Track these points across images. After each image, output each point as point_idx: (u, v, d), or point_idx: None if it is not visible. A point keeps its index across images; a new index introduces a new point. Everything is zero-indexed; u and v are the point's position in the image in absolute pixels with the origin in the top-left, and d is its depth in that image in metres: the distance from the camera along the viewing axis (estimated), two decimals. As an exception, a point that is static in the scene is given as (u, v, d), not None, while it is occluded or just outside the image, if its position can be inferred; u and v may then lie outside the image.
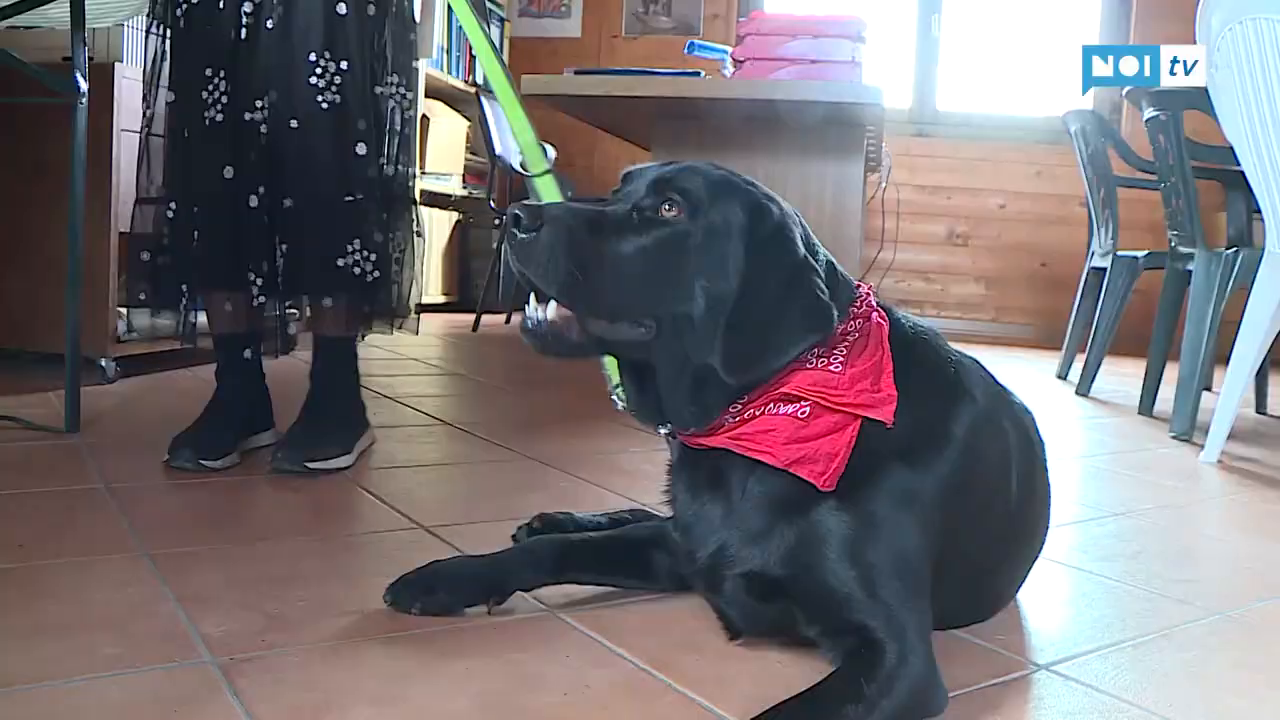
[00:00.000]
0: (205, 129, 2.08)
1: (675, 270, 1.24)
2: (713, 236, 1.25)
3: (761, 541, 1.25)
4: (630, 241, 1.23)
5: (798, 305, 1.24)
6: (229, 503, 1.97)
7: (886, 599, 1.18)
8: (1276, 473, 2.85)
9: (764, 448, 1.23)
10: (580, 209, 1.25)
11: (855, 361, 1.25)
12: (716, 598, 1.34)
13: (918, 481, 1.25)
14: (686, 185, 1.25)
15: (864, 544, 1.20)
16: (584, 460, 2.38)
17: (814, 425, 1.22)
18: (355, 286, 2.14)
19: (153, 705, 1.10)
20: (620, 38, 7.40)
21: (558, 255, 1.19)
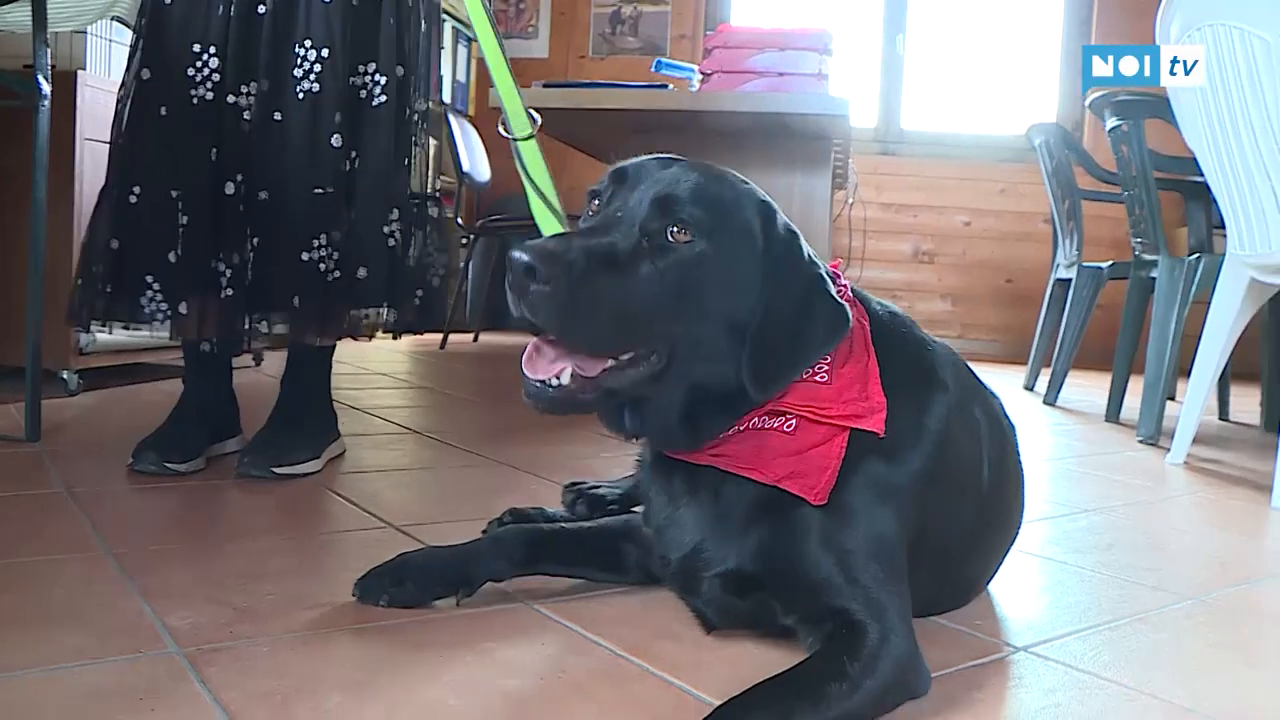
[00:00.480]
0: (192, 108, 2.03)
1: (692, 297, 1.19)
2: (728, 258, 1.20)
3: (737, 540, 1.25)
4: (647, 278, 1.16)
5: (819, 312, 1.23)
6: (194, 505, 1.94)
7: (865, 582, 1.17)
8: (1240, 473, 2.87)
9: (752, 466, 1.22)
10: (591, 247, 1.13)
11: (841, 370, 1.25)
12: (692, 598, 1.33)
13: (894, 475, 1.24)
14: (696, 210, 1.18)
15: (841, 533, 1.20)
16: (556, 465, 2.36)
17: (802, 438, 1.21)
18: (317, 284, 2.07)
19: (119, 694, 1.07)
20: (588, 58, 7.43)
21: (581, 310, 1.11)
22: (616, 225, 1.18)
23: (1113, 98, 3.49)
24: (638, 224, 1.18)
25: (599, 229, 1.18)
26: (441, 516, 1.86)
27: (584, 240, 1.14)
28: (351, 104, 2.10)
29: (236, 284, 2.06)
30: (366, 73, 2.11)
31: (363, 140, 2.11)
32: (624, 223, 1.18)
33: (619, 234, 1.17)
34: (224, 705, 1.05)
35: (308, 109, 2.04)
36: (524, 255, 1.07)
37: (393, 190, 2.16)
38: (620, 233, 1.17)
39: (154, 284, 2.03)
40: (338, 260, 2.09)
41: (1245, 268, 2.79)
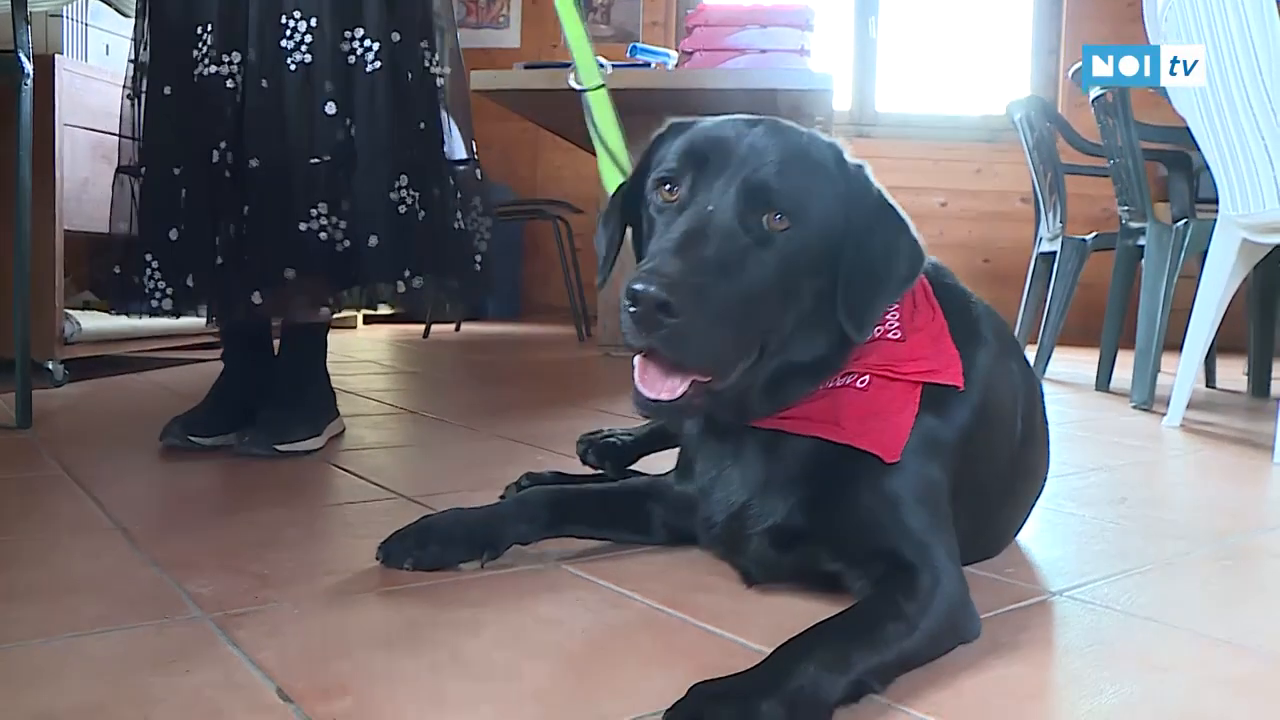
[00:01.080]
0: (193, 85, 2.00)
1: (794, 282, 1.16)
2: (822, 230, 1.17)
3: (784, 496, 1.23)
4: (759, 280, 1.12)
5: (901, 246, 1.21)
6: (198, 482, 1.90)
7: (915, 526, 1.16)
8: (1236, 433, 2.91)
9: (826, 426, 1.20)
10: (701, 260, 1.07)
11: (914, 326, 1.24)
12: (737, 556, 1.31)
13: (942, 428, 1.23)
14: (788, 194, 1.14)
15: (891, 481, 1.19)
16: (557, 437, 2.33)
17: (875, 395, 1.20)
18: (320, 255, 2.03)
19: (149, 657, 1.04)
20: (560, 47, 7.35)
21: (714, 333, 1.07)
22: (714, 225, 1.11)
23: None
24: (735, 220, 1.12)
25: (698, 234, 1.10)
26: (450, 487, 1.83)
27: (696, 255, 1.08)
28: (343, 72, 2.06)
29: (229, 255, 2.03)
30: (355, 38, 2.06)
31: (357, 108, 2.06)
32: (720, 222, 1.12)
33: (722, 238, 1.10)
34: (259, 665, 1.02)
35: (301, 79, 2.01)
36: (655, 289, 1.02)
37: (401, 156, 2.11)
38: (722, 234, 1.11)
39: (153, 262, 2.01)
40: (345, 229, 2.05)
41: (1237, 228, 2.80)
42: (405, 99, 2.12)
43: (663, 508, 1.45)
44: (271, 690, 0.97)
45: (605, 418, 2.68)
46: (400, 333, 5.53)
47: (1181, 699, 1.02)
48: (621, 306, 1.06)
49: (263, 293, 2.04)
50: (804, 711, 0.89)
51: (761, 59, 3.88)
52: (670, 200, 1.19)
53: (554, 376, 4.08)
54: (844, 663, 0.95)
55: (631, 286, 1.03)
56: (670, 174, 1.19)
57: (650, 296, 1.02)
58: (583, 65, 1.68)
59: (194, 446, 2.04)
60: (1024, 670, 1.07)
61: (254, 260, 2.03)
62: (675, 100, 3.88)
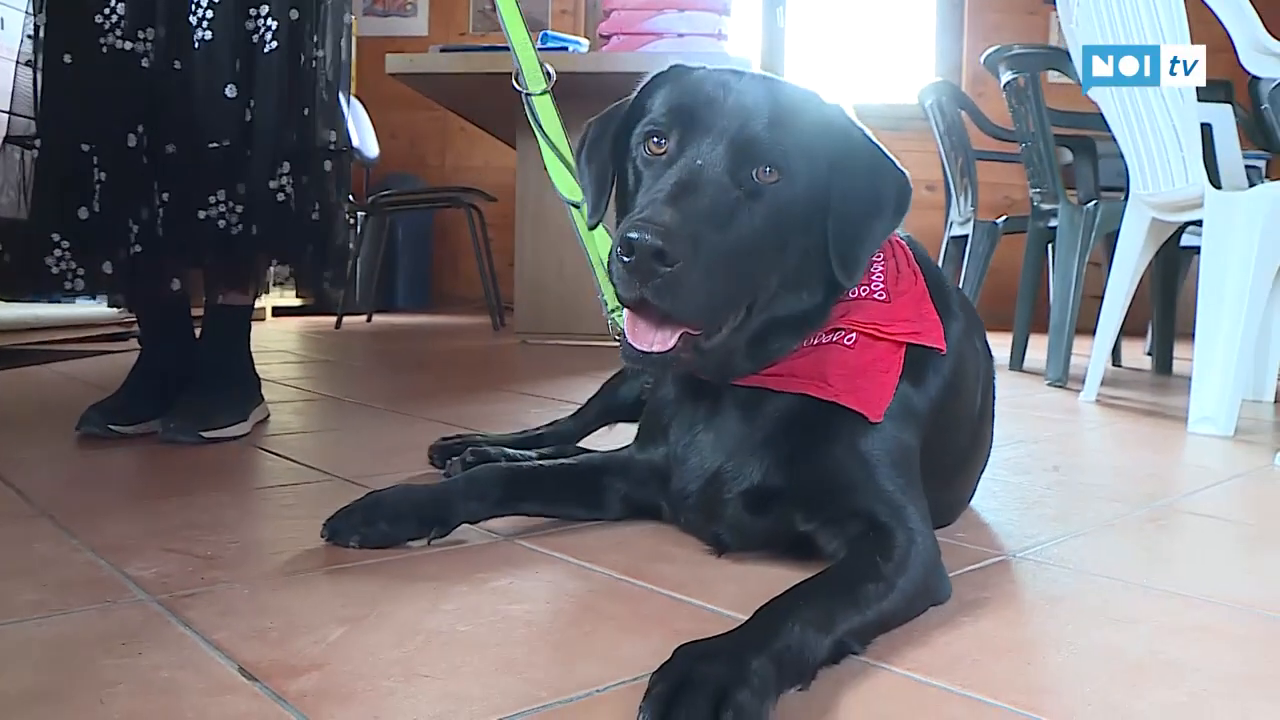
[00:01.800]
0: (101, 55, 1.90)
1: (785, 236, 1.16)
2: (811, 179, 1.16)
3: (759, 456, 1.23)
4: (751, 234, 1.11)
5: (887, 181, 1.21)
6: (124, 468, 1.83)
7: (890, 488, 1.17)
8: (1148, 406, 3.03)
9: (811, 381, 1.20)
10: (695, 210, 1.06)
11: (898, 290, 1.25)
12: (712, 524, 1.29)
13: (916, 397, 1.25)
14: (778, 146, 1.14)
15: (868, 442, 1.19)
16: (487, 419, 2.30)
17: (861, 354, 1.21)
18: (218, 242, 1.96)
19: (98, 641, 0.99)
20: (468, 35, 7.30)
21: (708, 283, 1.06)
22: (705, 179, 1.10)
23: (1006, 51, 3.57)
24: (726, 173, 1.11)
25: (691, 186, 1.09)
26: (385, 469, 1.78)
27: (690, 205, 1.06)
28: (246, 51, 1.98)
29: (146, 240, 1.94)
30: (259, 16, 1.98)
31: (257, 90, 1.99)
32: (711, 175, 1.10)
33: (714, 190, 1.09)
34: (216, 645, 0.98)
35: (204, 58, 1.94)
36: (650, 237, 1.00)
37: (283, 142, 2.04)
38: (714, 187, 1.09)
39: (62, 243, 1.91)
40: (240, 215, 1.98)
41: (1147, 208, 2.88)
42: (295, 82, 2.05)
43: (622, 481, 1.43)
44: (233, 669, 0.93)
45: (530, 399, 2.67)
46: (310, 324, 5.41)
47: (1145, 648, 1.04)
48: (612, 256, 1.05)
49: (180, 279, 1.97)
50: (791, 670, 0.88)
51: (680, 43, 3.88)
52: (658, 154, 1.17)
53: (473, 363, 4.03)
54: (828, 622, 0.94)
55: (626, 235, 1.01)
56: (658, 128, 1.18)
57: (647, 245, 1.00)
58: (528, 69, 1.66)
59: (114, 434, 1.95)
60: (993, 626, 1.08)
61: (171, 246, 1.96)
62: (594, 84, 3.84)
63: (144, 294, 2.03)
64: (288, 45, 2.01)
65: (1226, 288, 2.44)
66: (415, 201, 5.85)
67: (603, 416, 1.85)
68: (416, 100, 5.13)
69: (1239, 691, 0.93)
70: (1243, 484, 1.92)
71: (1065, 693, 0.92)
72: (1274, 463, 2.03)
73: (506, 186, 5.98)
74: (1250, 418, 2.62)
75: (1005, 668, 0.97)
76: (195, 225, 1.94)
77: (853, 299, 1.24)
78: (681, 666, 0.84)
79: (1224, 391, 2.40)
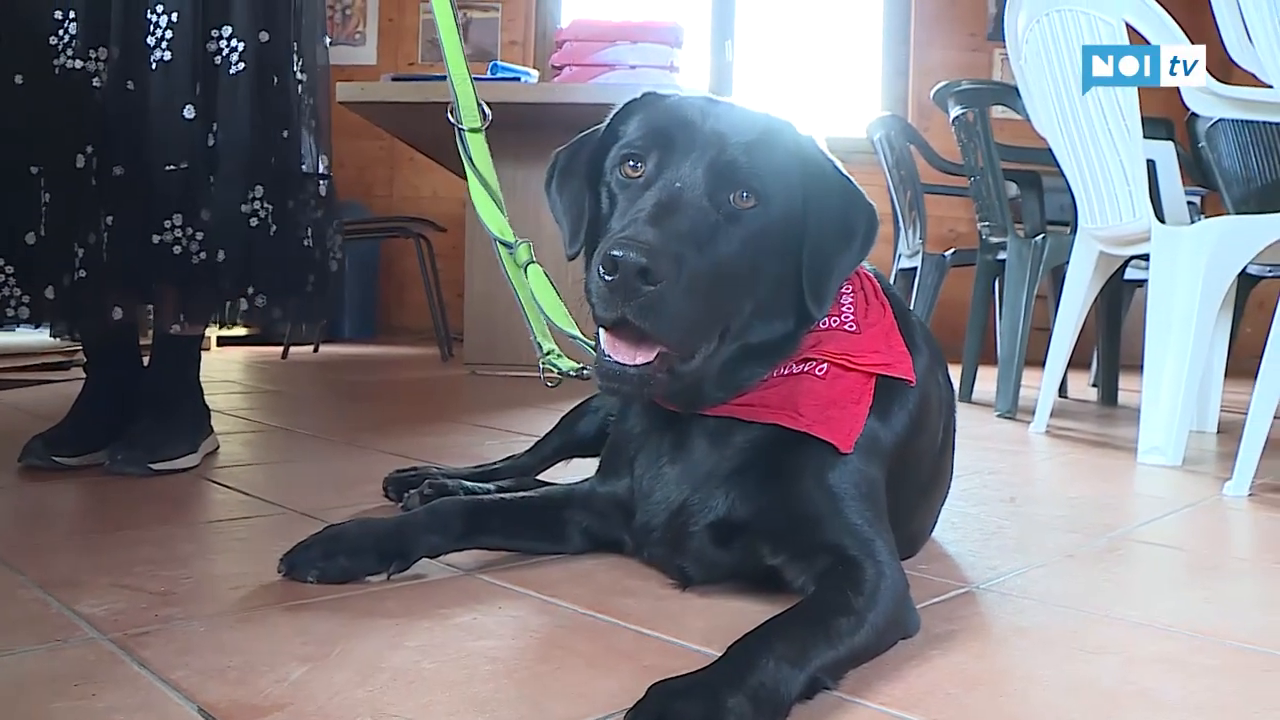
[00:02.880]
0: (54, 76, 1.85)
1: (761, 263, 1.17)
2: (787, 208, 1.18)
3: (725, 489, 1.22)
4: (730, 258, 1.12)
5: (856, 214, 1.23)
6: (69, 501, 1.77)
7: (858, 521, 1.16)
8: (1097, 437, 3.07)
9: (782, 412, 1.20)
10: (676, 231, 1.06)
11: (867, 322, 1.26)
12: (677, 556, 1.27)
13: (882, 431, 1.25)
14: (756, 172, 1.15)
15: (835, 475, 1.19)
16: (442, 451, 2.27)
17: (833, 384, 1.21)
18: (175, 268, 1.91)
19: (47, 682, 0.95)
20: (417, 65, 7.27)
21: (689, 304, 1.06)
22: (684, 202, 1.10)
23: (955, 87, 3.63)
24: (705, 197, 1.12)
25: (670, 207, 1.09)
26: (339, 502, 1.75)
27: (671, 226, 1.06)
28: (208, 72, 1.94)
29: (91, 266, 1.89)
30: (221, 37, 1.94)
31: (219, 112, 1.95)
32: (690, 198, 1.11)
33: (693, 211, 1.10)
34: (174, 685, 0.94)
35: (160, 79, 1.89)
36: (635, 255, 1.01)
37: (257, 165, 1.99)
38: (693, 209, 1.10)
39: (5, 268, 1.85)
40: (202, 241, 1.93)
41: (1094, 241, 2.93)
42: (268, 104, 2.00)
43: (583, 514, 1.41)
44: (192, 710, 0.89)
45: (483, 431, 2.64)
46: (256, 354, 5.32)
47: (1116, 678, 1.04)
48: (593, 275, 1.05)
49: (124, 307, 1.92)
50: (767, 706, 0.87)
51: (632, 74, 3.89)
52: (634, 176, 1.18)
53: (423, 394, 3.99)
54: (801, 657, 0.93)
55: (611, 253, 1.01)
56: (634, 151, 1.18)
57: (631, 263, 1.01)
58: (464, 104, 1.66)
59: (59, 466, 1.89)
60: (963, 658, 1.08)
61: (116, 273, 1.91)
62: (545, 114, 3.85)
63: (87, 322, 1.97)
64: (256, 67, 1.97)
65: (1173, 319, 2.48)
66: (365, 231, 5.80)
67: (560, 451, 1.83)
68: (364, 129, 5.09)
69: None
70: (1194, 514, 1.94)
71: (1040, 725, 0.92)
72: (1223, 492, 2.06)
73: (454, 217, 5.96)
74: (1196, 448, 2.66)
75: (979, 700, 0.97)
76: (147, 250, 1.89)
77: (823, 329, 1.24)
78: (656, 706, 0.82)
79: (1172, 422, 2.44)
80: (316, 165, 2.13)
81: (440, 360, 5.16)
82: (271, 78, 2.01)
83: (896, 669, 1.04)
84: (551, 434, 1.84)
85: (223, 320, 2.08)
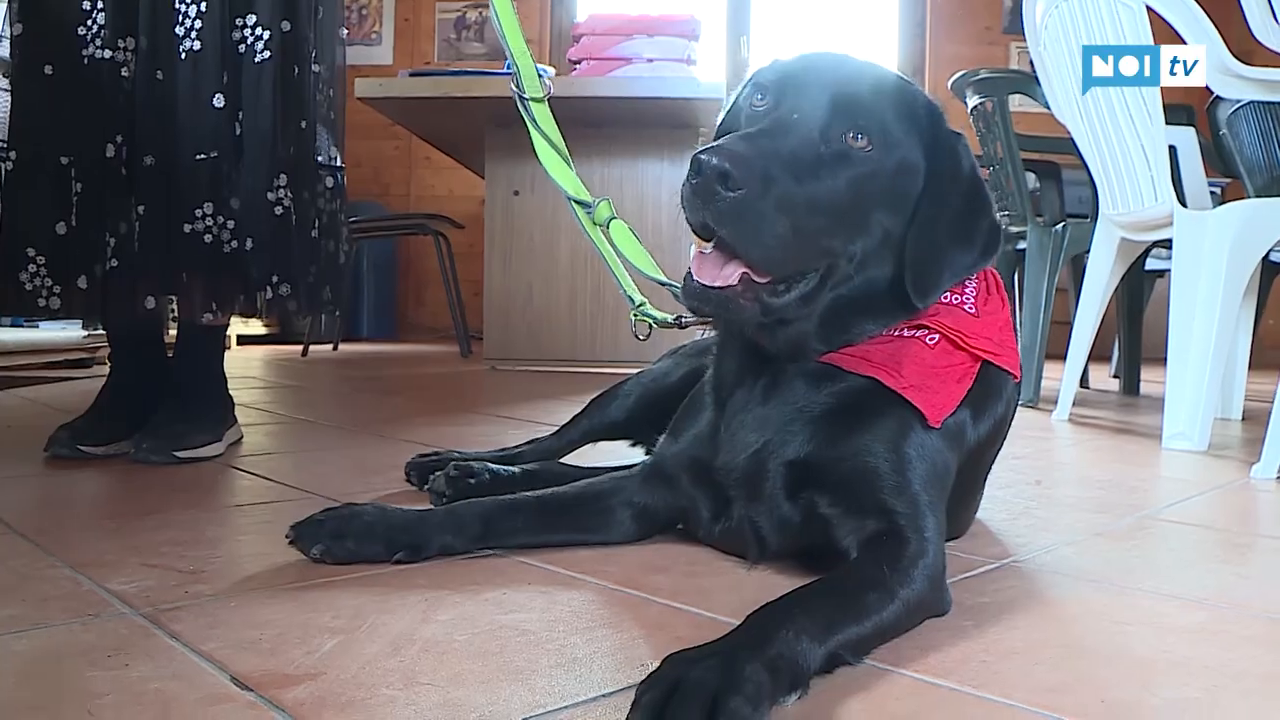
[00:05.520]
0: (83, 68, 1.86)
1: (864, 209, 1.15)
2: (901, 166, 1.17)
3: (811, 429, 1.21)
4: (828, 189, 1.11)
5: (981, 225, 1.22)
6: (97, 487, 1.78)
7: (917, 493, 1.15)
8: (1120, 424, 3.07)
9: (884, 368, 1.19)
10: (779, 154, 1.07)
11: (986, 310, 1.26)
12: (753, 503, 1.24)
13: (970, 429, 1.26)
14: (874, 115, 1.14)
15: (914, 445, 1.18)
16: (464, 439, 2.27)
17: (940, 355, 1.21)
18: (206, 257, 1.92)
19: (82, 654, 0.95)
20: (433, 64, 7.28)
21: (772, 220, 1.05)
22: (795, 129, 1.11)
23: (974, 76, 3.61)
24: (817, 130, 1.12)
25: (777, 132, 1.10)
26: (363, 488, 1.75)
27: (770, 145, 1.07)
28: (233, 61, 1.94)
29: (122, 256, 1.90)
30: (246, 26, 1.95)
31: (245, 100, 1.95)
32: (802, 127, 1.11)
33: (799, 140, 1.10)
34: (206, 656, 0.95)
35: (189, 68, 1.90)
36: (717, 159, 1.01)
37: (280, 154, 2.00)
38: (800, 138, 1.10)
39: (37, 258, 1.86)
40: (232, 230, 1.94)
41: (1116, 228, 2.91)
42: (290, 93, 2.01)
43: (641, 494, 1.37)
44: (225, 679, 0.90)
45: (504, 421, 2.65)
46: (277, 353, 5.36)
47: (1151, 647, 1.03)
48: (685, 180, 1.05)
49: (155, 296, 1.93)
50: (785, 677, 0.85)
51: (649, 67, 3.89)
52: (758, 106, 1.19)
53: (444, 388, 4.00)
54: (825, 631, 0.92)
55: (697, 156, 1.03)
56: (764, 83, 1.20)
57: (713, 166, 1.01)
58: (525, 75, 1.67)
59: (84, 456, 1.90)
60: (997, 629, 1.07)
61: (148, 263, 1.92)
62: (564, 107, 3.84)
63: (118, 312, 1.97)
64: (280, 56, 1.98)
65: (1197, 304, 2.46)
66: (383, 229, 5.82)
67: (589, 434, 1.82)
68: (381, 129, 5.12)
69: (1253, 688, 0.93)
70: (1222, 495, 1.93)
71: (1077, 691, 0.91)
72: (1250, 475, 2.04)
73: (471, 215, 5.97)
74: (1221, 434, 2.64)
75: (1014, 668, 0.96)
76: (179, 239, 1.90)
77: (943, 303, 1.23)
78: (671, 673, 0.81)
79: (1197, 406, 2.42)
80: (330, 158, 2.14)
81: (460, 356, 5.17)
82: (294, 67, 2.02)
83: (929, 639, 1.03)
84: (580, 416, 1.83)
85: (250, 310, 2.07)
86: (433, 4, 7.40)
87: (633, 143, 4.15)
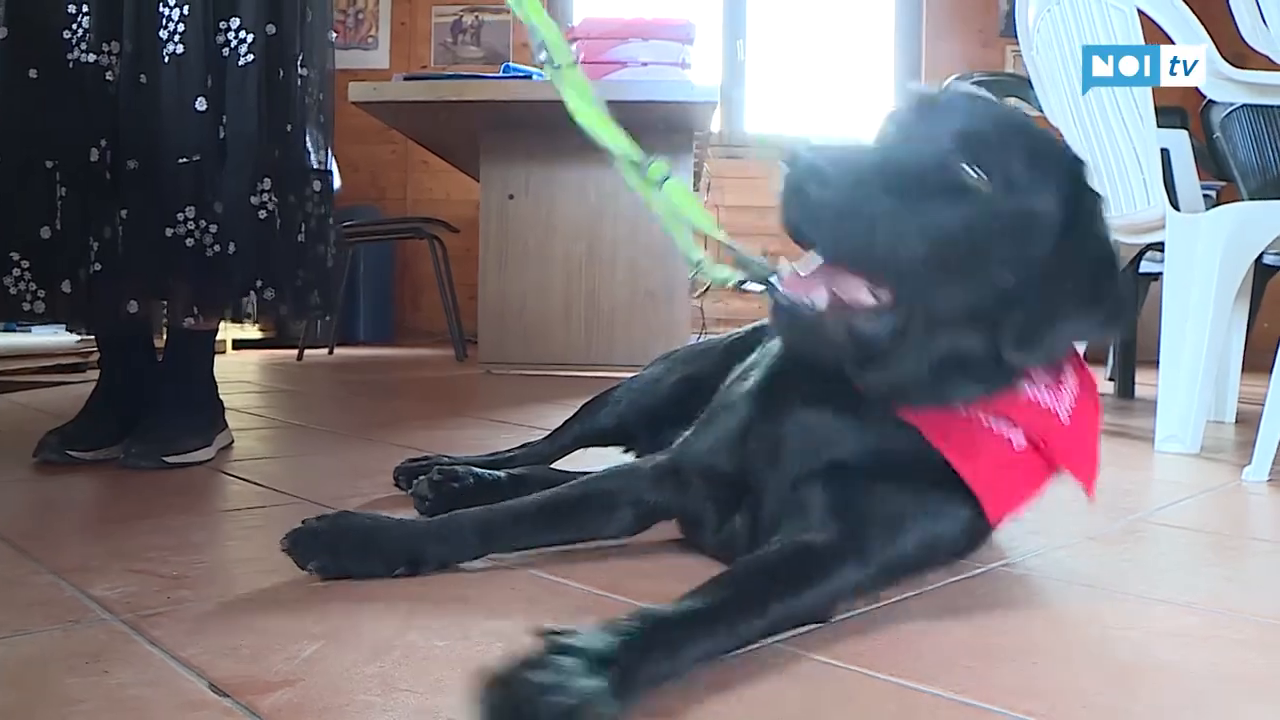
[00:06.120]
0: (68, 71, 1.86)
1: (970, 245, 1.05)
2: (1026, 221, 1.06)
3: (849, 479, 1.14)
4: (930, 213, 1.03)
5: (1105, 295, 1.10)
6: (83, 492, 1.78)
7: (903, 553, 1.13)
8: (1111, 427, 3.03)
9: (964, 457, 1.12)
10: (883, 164, 1.03)
11: (1078, 414, 1.16)
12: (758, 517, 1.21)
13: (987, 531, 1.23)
14: (1000, 151, 1.05)
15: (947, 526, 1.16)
16: (455, 444, 2.26)
17: (1020, 464, 1.14)
18: (188, 261, 1.90)
19: (60, 660, 0.94)
20: (430, 68, 7.29)
21: (857, 226, 1.00)
22: (910, 153, 1.06)
23: (969, 79, 3.61)
24: (933, 157, 1.05)
25: (889, 150, 1.07)
26: (353, 493, 1.74)
27: (877, 158, 1.04)
28: (217, 64, 1.94)
29: (106, 260, 1.90)
30: (230, 29, 1.94)
31: (229, 104, 1.95)
32: (920, 150, 1.06)
33: (912, 161, 1.05)
34: (185, 663, 0.94)
35: (173, 71, 1.89)
36: (811, 156, 0.99)
37: (264, 158, 1.99)
38: (914, 160, 1.05)
39: (22, 262, 1.85)
40: (215, 234, 1.93)
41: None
42: (276, 97, 2.01)
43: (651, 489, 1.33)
44: (203, 686, 0.89)
45: (498, 426, 2.64)
46: (272, 357, 5.35)
47: (1137, 652, 1.03)
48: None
49: (139, 301, 1.92)
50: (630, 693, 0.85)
51: (644, 71, 3.89)
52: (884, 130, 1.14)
53: (438, 392, 3.99)
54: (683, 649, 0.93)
55: (794, 149, 0.99)
56: (897, 113, 1.14)
57: (805, 161, 0.99)
58: (554, 43, 1.60)
59: (73, 461, 1.89)
60: (980, 633, 1.07)
61: (130, 267, 1.91)
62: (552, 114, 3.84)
63: (101, 316, 1.97)
64: (265, 59, 1.97)
65: (1190, 305, 2.46)
66: (379, 232, 5.82)
67: (579, 440, 1.82)
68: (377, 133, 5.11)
69: (1236, 692, 0.92)
70: (1213, 498, 1.93)
71: (1060, 696, 0.90)
72: (1242, 477, 2.04)
73: (468, 219, 5.97)
74: (1214, 437, 2.64)
75: (996, 672, 0.95)
76: (162, 243, 1.89)
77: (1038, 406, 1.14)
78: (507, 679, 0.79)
79: (1189, 409, 2.42)
80: (318, 162, 2.13)
81: (455, 360, 5.17)
82: (278, 71, 2.01)
83: (911, 643, 1.03)
84: (570, 422, 1.83)
85: (235, 316, 2.07)
86: (429, 8, 7.40)
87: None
